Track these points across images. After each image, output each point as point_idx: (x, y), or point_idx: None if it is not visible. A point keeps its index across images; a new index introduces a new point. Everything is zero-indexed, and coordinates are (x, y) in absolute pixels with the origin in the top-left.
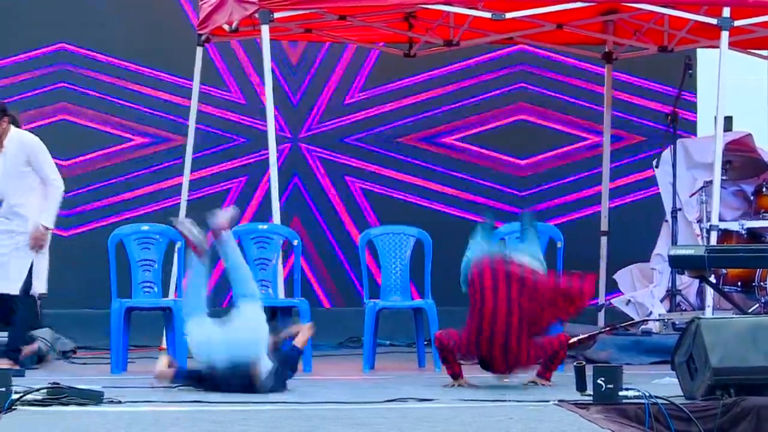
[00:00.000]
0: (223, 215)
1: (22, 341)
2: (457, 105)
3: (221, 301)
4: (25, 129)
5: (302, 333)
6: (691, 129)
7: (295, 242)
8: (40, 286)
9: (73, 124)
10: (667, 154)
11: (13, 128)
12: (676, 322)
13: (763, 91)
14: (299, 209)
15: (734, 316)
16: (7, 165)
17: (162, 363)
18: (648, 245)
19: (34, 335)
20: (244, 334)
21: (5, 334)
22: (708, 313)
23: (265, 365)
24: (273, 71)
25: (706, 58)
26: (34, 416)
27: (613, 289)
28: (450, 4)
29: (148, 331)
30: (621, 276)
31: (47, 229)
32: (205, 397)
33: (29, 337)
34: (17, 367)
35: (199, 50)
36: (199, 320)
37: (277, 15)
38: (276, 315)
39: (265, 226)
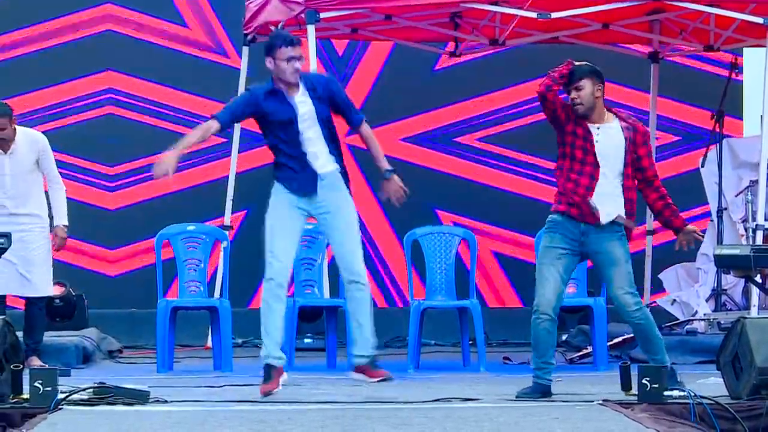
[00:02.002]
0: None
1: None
2: (503, 106)
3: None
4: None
5: None
6: (736, 130)
7: None
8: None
9: (121, 118)
10: (712, 153)
11: (18, 127)
12: (722, 322)
13: None
14: None
15: None
16: (19, 164)
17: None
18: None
19: None
20: None
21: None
22: (753, 312)
23: None
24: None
25: (753, 58)
26: (80, 415)
27: (658, 288)
28: (496, 4)
29: (193, 330)
30: (666, 275)
31: (66, 227)
32: (251, 397)
33: None
34: (47, 366)
35: (245, 50)
36: None
37: (323, 15)
38: (321, 314)
39: (311, 226)
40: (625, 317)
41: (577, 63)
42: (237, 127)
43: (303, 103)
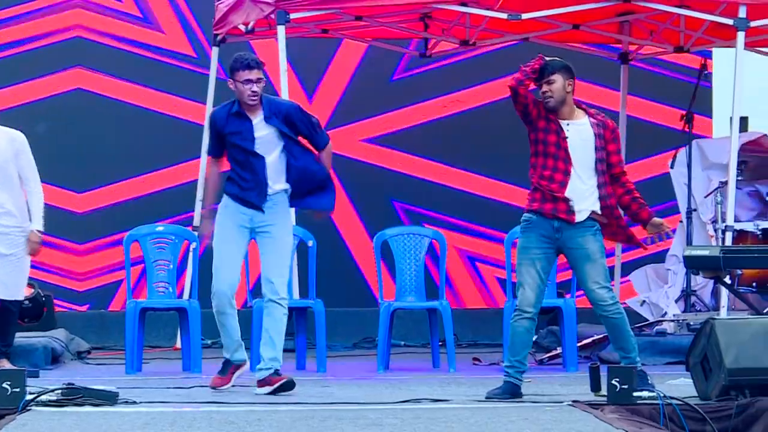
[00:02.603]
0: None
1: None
2: (472, 105)
3: None
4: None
5: None
6: (706, 131)
7: (310, 243)
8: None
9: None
10: (682, 154)
11: None
12: (691, 323)
13: None
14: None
15: (749, 316)
16: None
17: None
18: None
19: None
20: None
21: None
22: (723, 313)
23: None
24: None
25: (722, 59)
26: (48, 417)
27: (628, 289)
28: (466, 5)
29: (162, 331)
30: (636, 276)
31: (41, 233)
32: (220, 398)
33: None
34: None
35: (215, 50)
36: None
37: (293, 16)
38: (291, 316)
39: None
40: (600, 312)
41: (548, 58)
42: (206, 128)
43: (262, 128)
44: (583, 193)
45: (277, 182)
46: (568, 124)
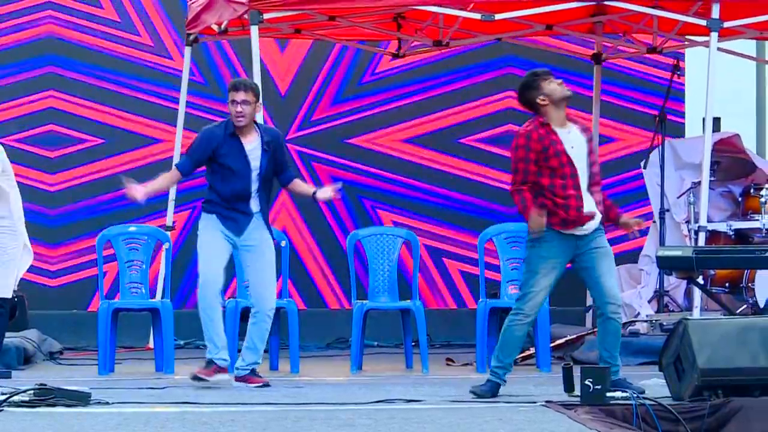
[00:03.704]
0: None
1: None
2: (445, 108)
3: None
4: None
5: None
6: (678, 131)
7: (283, 243)
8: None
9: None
10: (655, 155)
11: None
12: (664, 323)
13: (751, 94)
14: (286, 210)
15: (722, 317)
16: None
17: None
18: (636, 246)
19: None
20: None
21: None
22: (696, 314)
23: None
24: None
25: (694, 60)
26: (21, 417)
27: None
28: (439, 5)
29: (135, 332)
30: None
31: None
32: (194, 398)
33: None
34: None
35: (188, 49)
36: None
37: (266, 16)
38: None
39: None
40: (607, 312)
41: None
42: (180, 128)
43: (255, 157)
44: (589, 200)
45: (255, 204)
46: (569, 133)
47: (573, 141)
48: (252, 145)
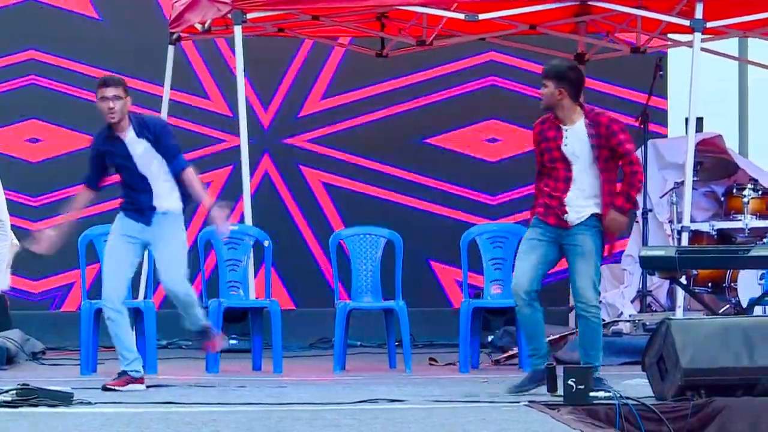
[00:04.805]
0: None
1: None
2: (428, 105)
3: None
4: None
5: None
6: (661, 132)
7: (266, 243)
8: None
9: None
10: (637, 154)
11: None
12: (647, 323)
13: (733, 94)
14: (270, 210)
15: (705, 317)
16: None
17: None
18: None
19: None
20: None
21: None
22: (678, 313)
23: None
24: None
25: (677, 60)
26: (2, 417)
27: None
28: (423, 5)
29: None
30: None
31: None
32: (177, 398)
33: None
34: None
35: (171, 49)
36: None
37: (250, 15)
38: (246, 316)
39: (236, 227)
40: (580, 312)
41: (556, 61)
42: None
43: (137, 144)
44: (584, 197)
45: (165, 198)
46: (566, 130)
47: (572, 136)
48: (129, 137)
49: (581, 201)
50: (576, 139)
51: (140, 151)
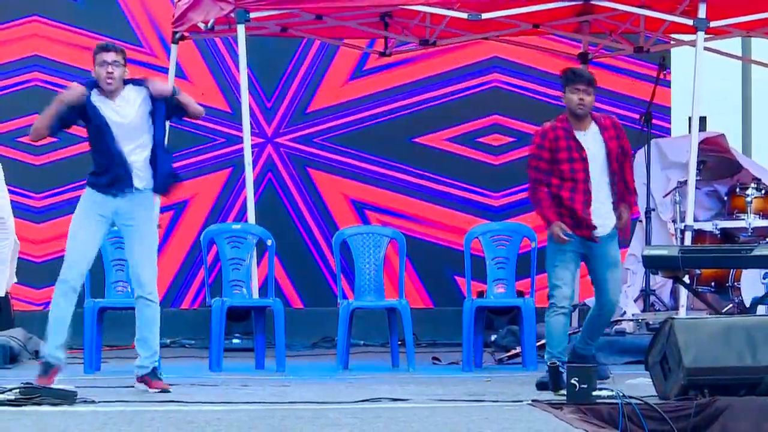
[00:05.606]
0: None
1: None
2: (431, 104)
3: None
4: None
5: None
6: (664, 131)
7: (269, 242)
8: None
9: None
10: (640, 154)
11: None
12: (650, 322)
13: (737, 93)
14: (273, 208)
15: (708, 316)
16: None
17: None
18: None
19: None
20: None
21: None
22: (681, 313)
23: None
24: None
25: (680, 60)
26: (6, 416)
27: (587, 289)
28: (426, 5)
29: (121, 330)
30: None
31: None
32: (179, 397)
33: None
34: None
35: (174, 47)
36: None
37: (253, 15)
38: (250, 315)
39: (239, 226)
40: (599, 314)
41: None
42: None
43: (128, 108)
44: (604, 205)
45: (144, 176)
46: (584, 135)
47: (589, 144)
48: (117, 99)
49: (604, 211)
50: (594, 144)
51: (129, 119)
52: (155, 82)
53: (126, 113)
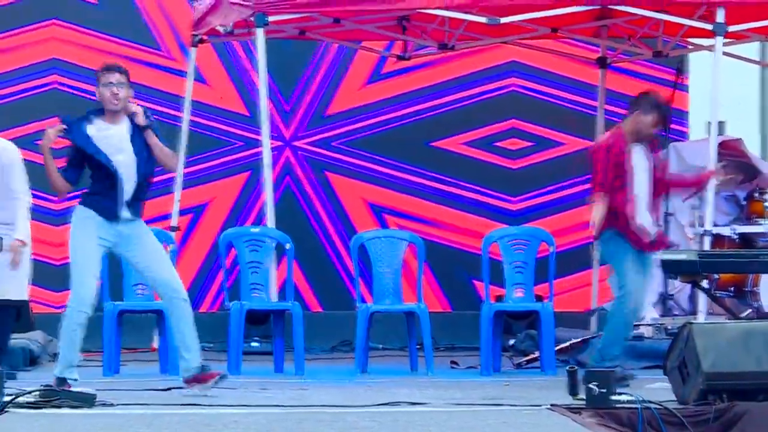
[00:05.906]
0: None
1: None
2: (449, 108)
3: None
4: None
5: None
6: (682, 135)
7: (288, 245)
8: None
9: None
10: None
11: None
12: (669, 327)
13: (755, 98)
14: (291, 212)
15: (726, 321)
16: None
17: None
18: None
19: None
20: None
21: None
22: (700, 318)
23: None
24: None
25: (698, 64)
26: (26, 419)
27: (605, 293)
28: (446, 9)
29: (140, 333)
30: (613, 280)
31: (23, 243)
32: (198, 400)
33: None
34: None
35: (193, 51)
36: None
37: (271, 18)
38: (268, 318)
39: (258, 229)
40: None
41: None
42: (185, 123)
43: (130, 135)
44: (650, 218)
45: (137, 204)
46: (634, 146)
47: (640, 161)
48: (119, 123)
49: (652, 224)
50: (642, 163)
51: (132, 144)
52: (138, 113)
53: (128, 138)
